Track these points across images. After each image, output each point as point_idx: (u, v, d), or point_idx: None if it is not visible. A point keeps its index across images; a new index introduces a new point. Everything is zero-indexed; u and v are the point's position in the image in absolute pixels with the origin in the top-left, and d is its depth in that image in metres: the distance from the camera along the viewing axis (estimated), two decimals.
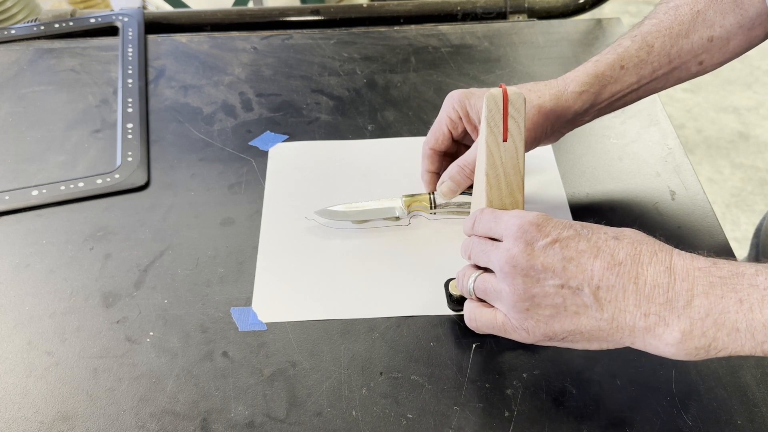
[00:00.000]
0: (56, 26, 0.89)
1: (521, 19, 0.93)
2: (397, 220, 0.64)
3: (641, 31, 0.60)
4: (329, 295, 0.58)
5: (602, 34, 0.87)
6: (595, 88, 0.59)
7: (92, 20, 0.90)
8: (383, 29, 0.90)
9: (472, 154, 0.60)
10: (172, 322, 0.56)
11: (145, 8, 1.23)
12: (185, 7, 1.54)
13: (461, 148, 0.64)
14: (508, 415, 0.50)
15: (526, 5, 0.93)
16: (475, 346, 0.54)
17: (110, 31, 0.90)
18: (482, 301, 0.49)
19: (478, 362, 0.53)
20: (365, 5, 0.95)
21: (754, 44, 0.60)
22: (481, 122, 0.51)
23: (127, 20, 0.89)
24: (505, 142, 0.49)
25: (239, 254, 0.61)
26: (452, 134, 0.62)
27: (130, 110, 0.76)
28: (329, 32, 0.89)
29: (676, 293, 0.40)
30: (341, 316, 0.56)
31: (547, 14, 0.94)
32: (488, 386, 0.51)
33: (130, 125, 0.74)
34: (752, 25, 0.58)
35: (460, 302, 0.54)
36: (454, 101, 0.61)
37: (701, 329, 0.39)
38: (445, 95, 0.62)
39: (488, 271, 0.48)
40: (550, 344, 0.46)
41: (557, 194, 0.66)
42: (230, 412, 0.50)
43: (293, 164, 0.70)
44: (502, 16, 0.93)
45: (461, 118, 0.61)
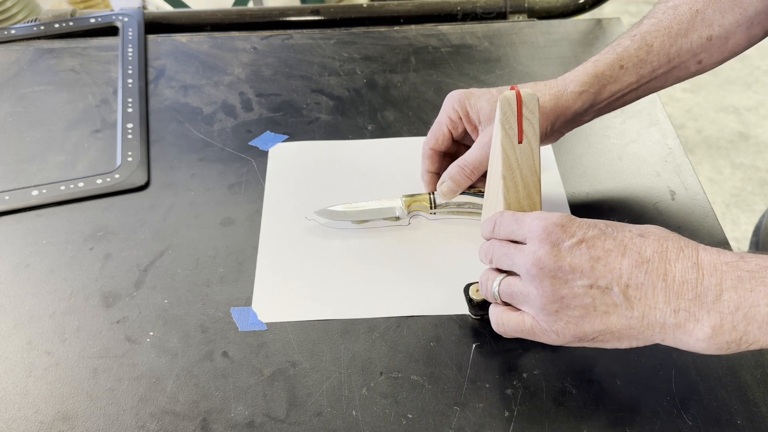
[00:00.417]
0: (56, 26, 0.89)
1: (521, 19, 0.93)
2: (397, 220, 0.64)
3: (640, 30, 0.60)
4: (329, 295, 0.58)
5: (602, 34, 0.87)
6: (594, 87, 0.59)
7: (92, 20, 0.90)
8: (383, 29, 0.90)
9: (472, 154, 0.60)
10: (172, 322, 0.56)
11: (145, 8, 1.23)
12: (185, 7, 1.54)
13: (461, 148, 0.64)
14: (508, 415, 0.50)
15: (526, 5, 0.93)
16: (475, 346, 0.54)
17: (110, 31, 0.90)
18: (506, 304, 0.48)
19: (478, 362, 0.53)
20: (365, 5, 0.95)
21: (753, 43, 0.60)
22: (494, 125, 0.51)
23: (127, 20, 0.89)
24: (520, 143, 0.49)
25: (239, 254, 0.61)
26: (452, 134, 0.62)
27: (130, 110, 0.76)
28: (329, 32, 0.89)
29: (704, 288, 0.40)
30: (341, 316, 0.56)
31: (547, 14, 0.94)
32: (488, 386, 0.51)
33: (130, 125, 0.74)
34: (751, 23, 0.58)
35: (482, 307, 0.53)
36: (454, 101, 0.61)
37: (731, 323, 0.39)
38: (445, 95, 0.62)
39: (511, 274, 0.47)
40: (579, 345, 0.45)
41: (557, 194, 0.66)
42: (230, 412, 0.50)
43: (293, 164, 0.70)
44: (502, 16, 0.93)
45: (461, 118, 0.61)
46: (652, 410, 0.50)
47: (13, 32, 0.88)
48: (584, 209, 0.65)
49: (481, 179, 0.62)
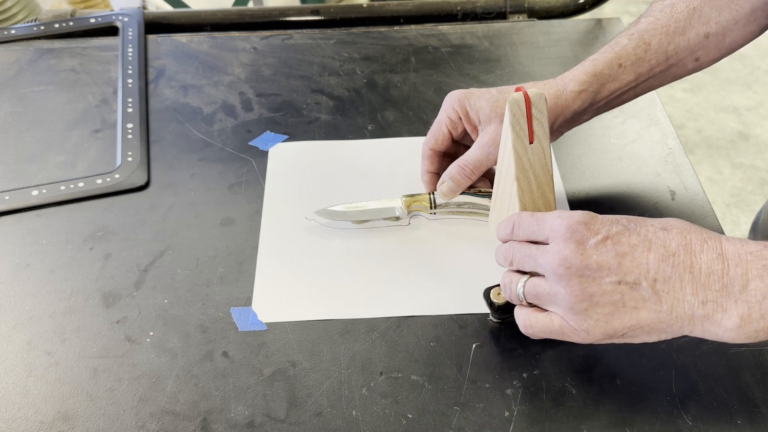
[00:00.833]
0: (56, 26, 0.89)
1: (521, 19, 0.93)
2: (397, 220, 0.64)
3: (638, 29, 0.60)
4: (329, 295, 0.58)
5: (602, 34, 0.87)
6: (593, 87, 0.59)
7: (92, 20, 0.90)
8: (383, 29, 0.90)
9: (472, 154, 0.60)
10: (172, 322, 0.56)
11: (145, 8, 1.23)
12: (185, 7, 1.54)
13: (461, 148, 0.64)
14: (508, 415, 0.50)
15: (526, 5, 0.93)
16: (475, 346, 0.54)
17: (110, 31, 0.90)
18: (531, 305, 0.48)
19: (478, 362, 0.53)
20: (365, 5, 0.95)
21: (749, 39, 0.61)
22: (503, 128, 0.51)
23: (127, 20, 0.89)
24: (531, 144, 0.49)
25: (239, 254, 0.61)
26: (452, 134, 0.62)
27: (130, 110, 0.76)
28: (329, 32, 0.89)
29: (731, 279, 0.41)
30: (341, 316, 0.56)
31: (547, 14, 0.94)
32: (488, 386, 0.52)
33: (130, 125, 0.74)
34: (747, 20, 0.58)
35: (505, 310, 0.53)
36: (453, 102, 0.61)
37: (759, 312, 0.40)
38: (445, 95, 0.62)
39: (533, 275, 0.47)
40: (608, 342, 0.45)
41: (557, 194, 0.66)
42: (230, 412, 0.50)
43: (293, 164, 0.70)
44: (502, 16, 0.93)
45: (461, 118, 0.61)
46: (652, 410, 0.50)
47: (13, 32, 0.88)
48: (584, 209, 0.65)
49: (481, 179, 0.62)
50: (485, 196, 0.62)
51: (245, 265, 0.61)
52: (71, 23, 0.89)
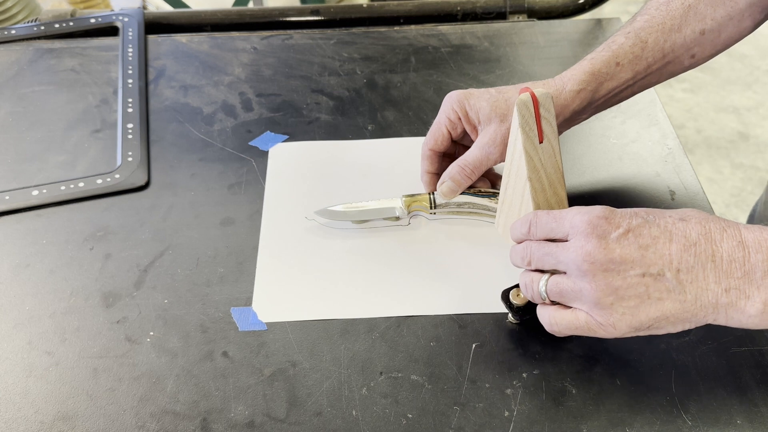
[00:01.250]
0: (56, 26, 0.89)
1: (521, 19, 0.93)
2: (397, 220, 0.64)
3: (634, 27, 0.60)
4: (329, 295, 0.58)
5: (602, 34, 0.87)
6: (592, 85, 0.59)
7: (92, 20, 0.90)
8: (383, 29, 0.90)
9: (472, 154, 0.60)
10: (172, 322, 0.56)
11: (145, 8, 1.24)
12: (185, 7, 1.54)
13: (460, 148, 0.64)
14: (508, 414, 0.50)
15: (526, 5, 0.93)
16: (475, 346, 0.54)
17: (110, 31, 0.90)
18: (554, 303, 0.48)
19: (478, 362, 0.53)
20: (365, 5, 0.95)
21: (744, 35, 0.61)
22: (511, 130, 0.51)
23: (127, 20, 0.89)
24: (541, 143, 0.49)
25: (239, 254, 0.61)
26: (451, 135, 0.62)
27: (130, 110, 0.76)
28: (329, 32, 0.89)
29: (752, 266, 0.41)
30: (341, 316, 0.56)
31: (547, 14, 0.94)
32: (488, 386, 0.52)
33: (130, 125, 0.74)
34: (742, 16, 0.59)
35: (526, 310, 0.53)
36: (453, 102, 0.61)
37: None
38: (444, 95, 0.62)
39: (553, 273, 0.47)
40: (634, 335, 0.45)
41: None
42: (230, 412, 0.50)
43: (293, 164, 0.70)
44: (502, 16, 0.93)
45: (460, 118, 0.61)
46: (652, 410, 0.50)
47: (13, 32, 0.88)
48: None
49: (481, 179, 0.62)
50: (485, 196, 0.62)
51: (245, 265, 0.61)
52: (71, 23, 0.89)
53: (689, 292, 0.42)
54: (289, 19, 0.94)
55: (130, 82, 0.80)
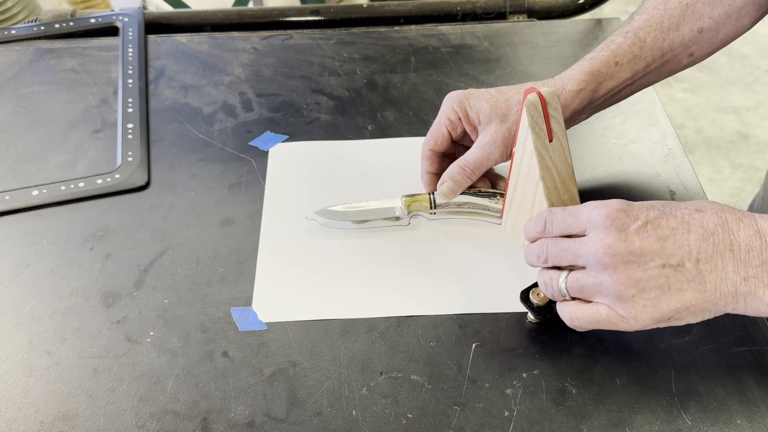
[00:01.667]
0: (56, 26, 0.89)
1: (521, 19, 0.93)
2: (397, 220, 0.64)
3: (632, 26, 0.60)
4: (329, 295, 0.58)
5: (602, 34, 0.87)
6: (591, 85, 0.59)
7: (92, 20, 0.90)
8: (383, 29, 0.90)
9: (472, 154, 0.60)
10: (172, 322, 0.56)
11: (145, 8, 1.24)
12: (185, 7, 1.54)
13: (460, 148, 0.64)
14: (507, 414, 0.50)
15: (526, 5, 0.93)
16: (475, 346, 0.54)
17: (110, 31, 0.90)
18: (574, 299, 0.48)
19: (478, 362, 0.53)
20: (365, 5, 0.95)
21: (741, 33, 0.61)
22: (520, 131, 0.51)
23: (127, 20, 0.89)
24: (551, 142, 0.50)
25: (239, 254, 0.61)
26: (451, 135, 0.62)
27: (130, 110, 0.76)
28: (329, 32, 0.89)
29: None
30: (341, 316, 0.56)
31: (547, 14, 0.94)
32: (488, 386, 0.52)
33: (130, 125, 0.74)
34: (740, 14, 0.59)
35: (547, 309, 0.53)
36: (453, 102, 0.61)
37: None
38: (444, 95, 0.62)
39: (571, 269, 0.47)
40: (654, 327, 0.45)
41: None
42: (230, 412, 0.50)
43: (293, 164, 0.70)
44: (502, 16, 0.93)
45: (460, 119, 0.61)
46: (652, 410, 0.50)
47: (13, 32, 0.88)
48: None
49: (481, 179, 0.62)
50: (485, 196, 0.62)
51: (245, 265, 0.61)
52: (71, 23, 0.89)
53: (709, 281, 0.42)
54: (289, 19, 0.94)
55: (130, 82, 0.80)
